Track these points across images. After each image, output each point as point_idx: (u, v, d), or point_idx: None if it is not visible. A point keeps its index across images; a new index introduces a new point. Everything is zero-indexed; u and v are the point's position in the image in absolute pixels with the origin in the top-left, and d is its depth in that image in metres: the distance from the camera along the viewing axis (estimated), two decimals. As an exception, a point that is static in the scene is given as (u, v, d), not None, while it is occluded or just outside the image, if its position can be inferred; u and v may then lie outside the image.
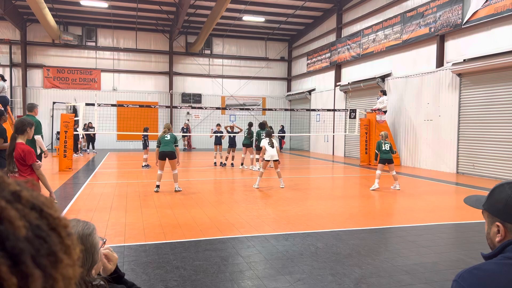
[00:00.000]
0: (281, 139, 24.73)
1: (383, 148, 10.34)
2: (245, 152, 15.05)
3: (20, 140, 4.73)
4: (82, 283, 1.41)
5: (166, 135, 9.59)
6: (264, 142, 10.46)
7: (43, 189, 4.87)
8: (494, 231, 1.37)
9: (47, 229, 0.52)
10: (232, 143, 15.45)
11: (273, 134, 11.13)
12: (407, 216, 7.31)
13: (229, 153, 15.50)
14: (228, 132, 15.67)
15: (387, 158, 10.28)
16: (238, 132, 15.77)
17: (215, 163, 15.71)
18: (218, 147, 15.91)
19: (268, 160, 10.38)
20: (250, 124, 15.27)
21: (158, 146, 9.59)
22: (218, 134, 15.83)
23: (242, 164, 14.95)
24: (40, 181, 4.80)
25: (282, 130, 25.32)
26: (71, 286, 0.53)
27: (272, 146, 10.36)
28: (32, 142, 6.69)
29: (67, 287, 0.52)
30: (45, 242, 0.50)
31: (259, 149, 14.07)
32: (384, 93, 16.68)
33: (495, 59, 11.92)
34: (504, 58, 11.65)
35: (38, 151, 7.60)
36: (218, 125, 16.28)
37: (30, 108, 8.35)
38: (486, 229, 1.43)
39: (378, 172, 10.43)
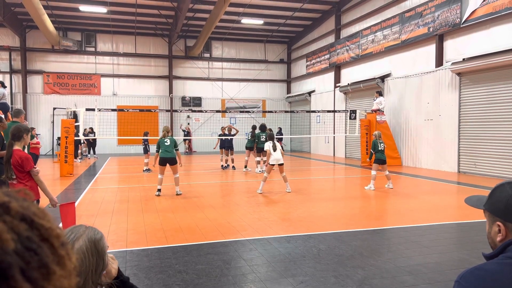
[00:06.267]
0: (279, 141, 24.54)
1: (379, 148, 10.27)
2: (248, 155, 15.01)
3: (17, 146, 4.68)
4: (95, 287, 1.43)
5: (165, 140, 9.50)
6: (267, 146, 9.98)
7: (43, 196, 4.87)
8: (495, 230, 1.38)
9: (38, 240, 0.50)
10: (230, 146, 15.27)
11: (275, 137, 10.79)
12: (409, 216, 7.29)
13: (227, 155, 15.44)
14: (225, 134, 15.49)
15: (383, 158, 10.24)
16: (234, 134, 15.71)
17: (222, 165, 15.63)
18: (225, 150, 15.50)
19: (273, 164, 9.89)
20: (254, 127, 15.24)
21: (157, 151, 9.54)
22: (223, 137, 15.50)
23: (245, 166, 14.87)
24: (39, 188, 4.77)
25: (279, 133, 25.22)
26: None
27: (275, 149, 9.86)
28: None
29: None
30: (36, 254, 0.49)
31: (259, 151, 14.04)
32: (380, 93, 16.67)
33: (495, 57, 11.92)
34: (503, 57, 11.64)
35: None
36: (223, 128, 16.02)
37: (17, 113, 7.33)
38: (487, 229, 1.44)
39: (373, 172, 10.29)
